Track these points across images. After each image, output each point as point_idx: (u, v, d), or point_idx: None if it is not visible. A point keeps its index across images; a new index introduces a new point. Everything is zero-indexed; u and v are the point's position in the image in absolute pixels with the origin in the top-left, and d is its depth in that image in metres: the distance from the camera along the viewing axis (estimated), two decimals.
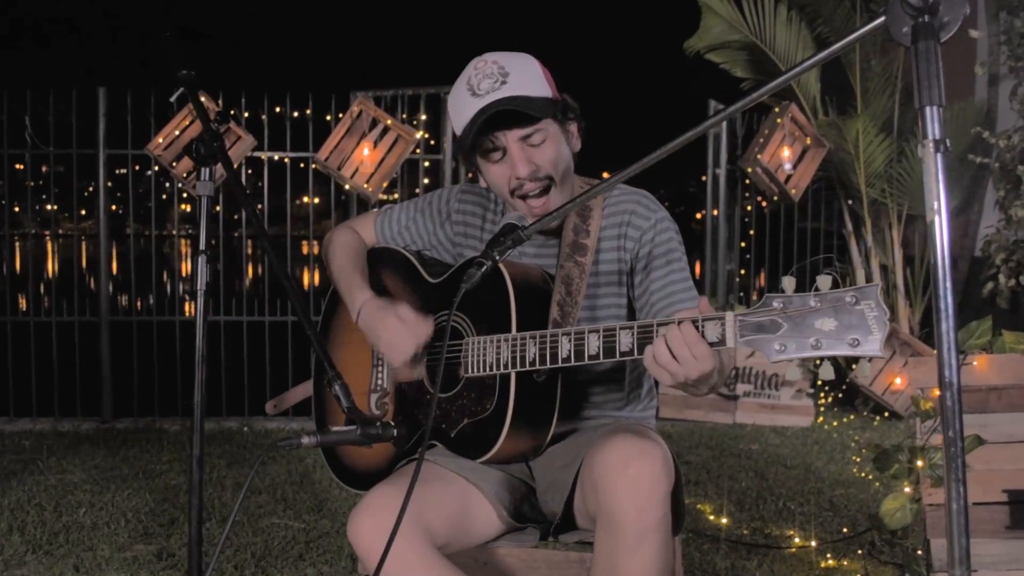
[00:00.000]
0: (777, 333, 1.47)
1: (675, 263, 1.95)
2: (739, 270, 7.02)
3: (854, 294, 1.44)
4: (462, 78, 1.90)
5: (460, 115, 1.90)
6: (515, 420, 1.81)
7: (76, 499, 3.84)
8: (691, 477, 4.41)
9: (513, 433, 1.81)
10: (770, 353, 1.48)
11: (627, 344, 1.64)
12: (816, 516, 3.79)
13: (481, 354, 1.84)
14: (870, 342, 1.42)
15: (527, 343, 1.77)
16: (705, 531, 3.59)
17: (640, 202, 1.99)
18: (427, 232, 2.16)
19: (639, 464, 1.66)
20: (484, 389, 1.86)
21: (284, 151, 5.93)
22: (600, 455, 1.70)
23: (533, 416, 1.86)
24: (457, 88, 1.91)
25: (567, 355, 1.72)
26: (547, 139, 1.88)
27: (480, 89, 1.85)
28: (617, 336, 1.65)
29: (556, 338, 1.73)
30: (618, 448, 1.68)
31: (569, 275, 1.93)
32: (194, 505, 1.88)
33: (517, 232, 1.65)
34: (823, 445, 5.17)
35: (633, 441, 1.69)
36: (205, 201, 1.94)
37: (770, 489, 4.19)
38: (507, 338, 1.80)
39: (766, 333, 1.48)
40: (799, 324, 1.46)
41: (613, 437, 1.72)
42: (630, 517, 1.65)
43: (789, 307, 1.47)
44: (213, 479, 4.20)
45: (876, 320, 1.42)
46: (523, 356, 1.77)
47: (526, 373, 1.80)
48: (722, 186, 6.55)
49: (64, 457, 4.65)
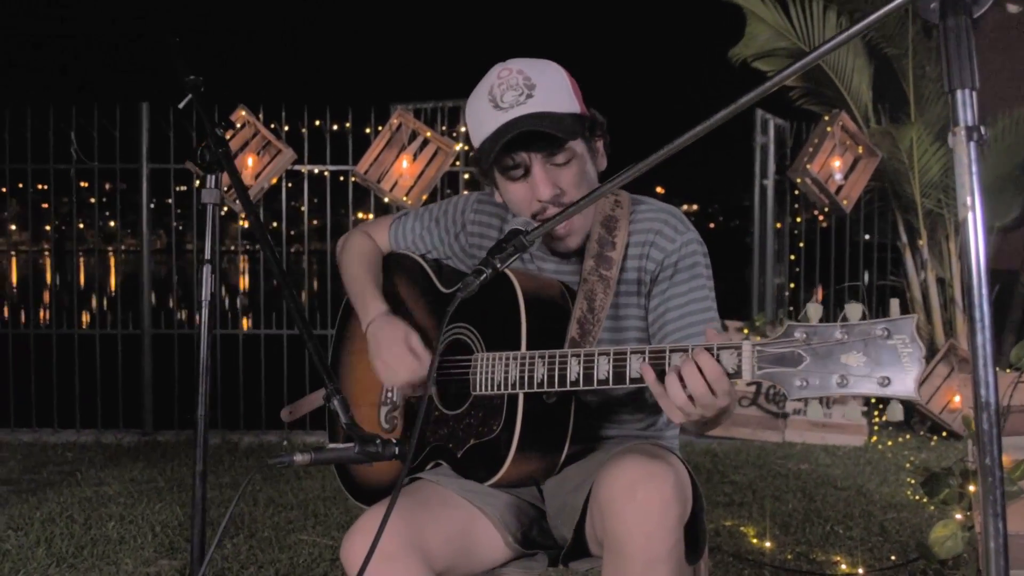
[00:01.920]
0: (799, 367, 1.35)
1: (697, 279, 1.82)
2: (788, 284, 6.82)
3: (886, 327, 1.30)
4: (483, 86, 1.78)
5: (480, 127, 1.78)
6: (522, 444, 1.70)
7: (108, 512, 3.82)
8: (735, 498, 4.25)
9: (520, 457, 1.71)
10: (790, 389, 1.35)
11: (637, 370, 1.53)
12: (865, 541, 3.61)
13: (489, 371, 1.73)
14: (902, 382, 1.28)
15: (535, 363, 1.66)
16: (747, 555, 3.44)
17: (667, 222, 1.85)
18: (441, 243, 2.07)
19: (648, 488, 1.53)
20: (492, 409, 1.75)
21: (324, 164, 5.92)
22: (607, 478, 1.59)
23: (543, 439, 1.75)
24: (478, 96, 1.79)
25: (576, 378, 1.61)
26: (573, 159, 1.76)
27: (504, 102, 1.72)
28: (628, 361, 1.54)
29: (565, 359, 1.63)
30: (626, 471, 1.57)
31: (592, 290, 1.81)
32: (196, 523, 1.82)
33: (519, 239, 1.55)
34: (876, 466, 4.96)
35: (642, 463, 1.57)
36: (211, 209, 1.88)
37: (818, 511, 4.02)
38: (515, 356, 1.70)
39: (787, 366, 1.36)
40: (824, 358, 1.33)
41: (622, 459, 1.61)
42: (637, 545, 1.53)
43: (813, 338, 1.34)
44: (247, 495, 4.16)
45: (910, 357, 1.29)
46: (531, 376, 1.66)
47: (535, 394, 1.69)
48: (770, 198, 6.38)
49: (103, 469, 4.66)
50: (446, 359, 1.85)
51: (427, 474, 1.83)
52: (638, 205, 1.89)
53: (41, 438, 5.50)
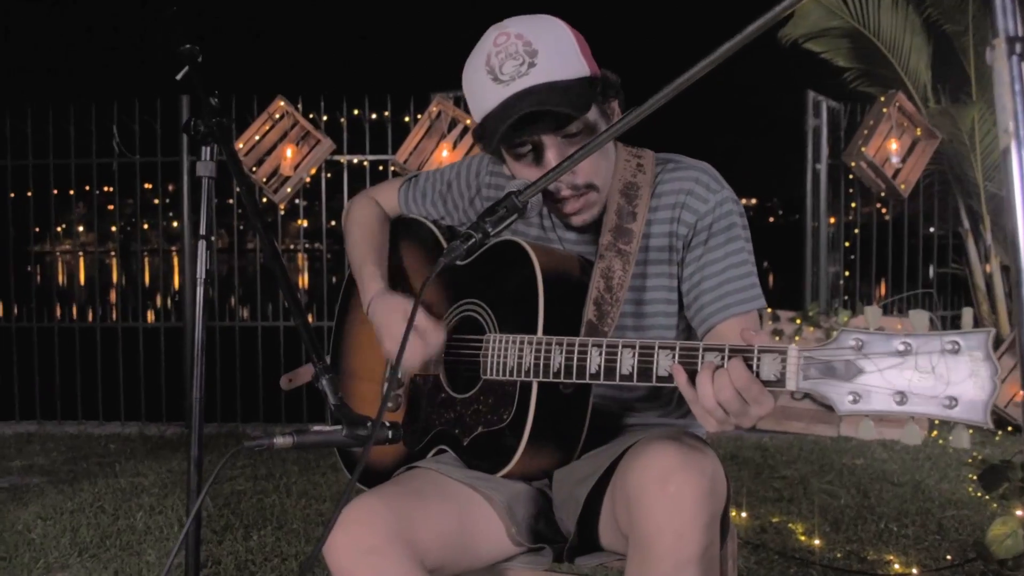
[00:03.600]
0: (851, 379, 1.18)
1: (735, 242, 1.64)
2: (843, 272, 6.57)
3: (956, 340, 1.13)
4: (479, 54, 1.59)
5: (480, 102, 1.60)
6: (535, 436, 1.56)
7: (139, 503, 3.80)
8: (784, 493, 4.07)
9: (532, 450, 1.57)
10: (840, 404, 1.19)
11: (666, 368, 1.37)
12: (920, 540, 3.41)
13: (502, 355, 1.59)
14: (971, 405, 1.12)
15: (552, 350, 1.51)
16: (794, 553, 3.26)
17: (699, 180, 1.66)
18: (456, 208, 1.91)
19: (681, 479, 1.38)
20: (503, 396, 1.60)
21: (363, 154, 5.85)
22: (636, 466, 1.44)
23: (557, 431, 1.61)
24: (474, 66, 1.60)
25: (596, 371, 1.45)
26: (585, 129, 1.60)
27: (503, 74, 1.55)
28: (655, 357, 1.38)
29: (585, 349, 1.47)
30: (658, 459, 1.41)
31: (610, 267, 1.65)
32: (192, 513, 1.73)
33: (511, 199, 1.40)
34: (936, 461, 4.73)
35: (676, 451, 1.41)
36: (206, 183, 1.78)
37: (871, 508, 3.82)
38: (531, 340, 1.54)
39: (837, 378, 1.19)
40: (881, 371, 1.17)
41: (652, 445, 1.45)
42: (667, 543, 1.37)
43: (869, 348, 1.18)
44: (280, 486, 4.10)
45: (982, 377, 1.12)
46: (547, 365, 1.51)
47: (551, 383, 1.55)
48: (823, 183, 6.14)
49: (142, 461, 4.66)
50: (455, 338, 1.72)
51: (428, 462, 1.71)
52: (665, 165, 1.72)
53: (86, 430, 5.54)
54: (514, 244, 1.62)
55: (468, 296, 1.71)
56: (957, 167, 5.98)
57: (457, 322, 1.73)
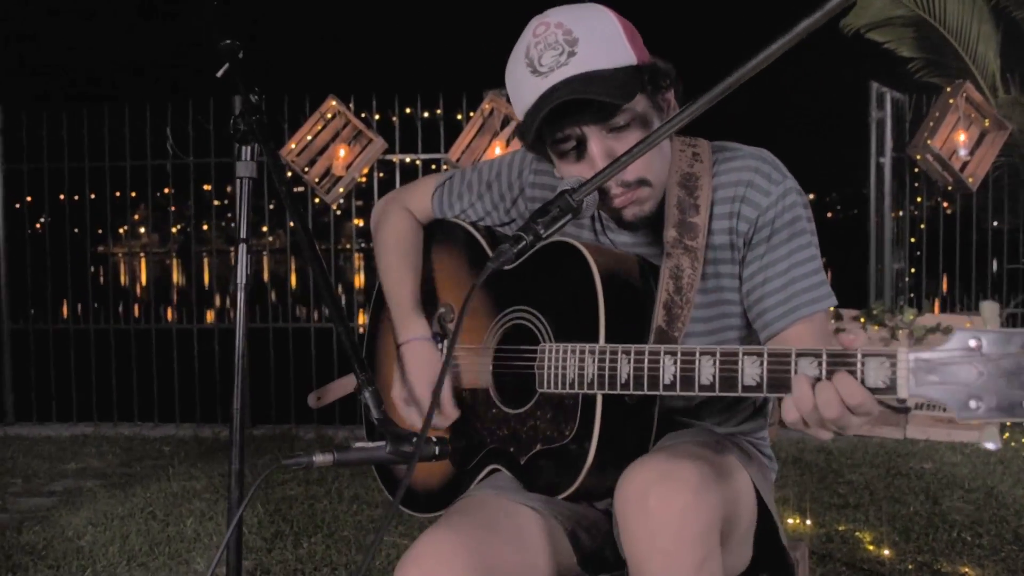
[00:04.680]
0: (971, 382, 1.09)
1: (800, 237, 1.51)
2: (909, 269, 6.35)
3: None
4: (520, 47, 1.50)
5: (520, 98, 1.50)
6: (601, 452, 1.44)
7: (189, 508, 3.79)
8: (850, 499, 3.92)
9: (597, 467, 1.45)
10: (960, 410, 1.09)
11: (753, 377, 1.24)
12: (997, 551, 3.25)
13: (559, 366, 1.47)
14: None
15: (619, 359, 1.39)
16: (862, 564, 3.13)
17: (759, 169, 1.54)
18: (495, 210, 1.79)
19: (660, 492, 1.28)
20: (563, 410, 1.49)
21: (416, 153, 5.80)
22: (620, 484, 1.35)
23: (624, 445, 1.49)
24: (515, 60, 1.50)
25: (671, 381, 1.33)
26: (633, 121, 1.47)
27: (542, 65, 1.44)
28: (740, 365, 1.25)
29: (657, 357, 1.34)
30: (639, 474, 1.32)
31: (679, 266, 1.53)
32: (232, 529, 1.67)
33: (564, 197, 1.30)
34: (1009, 466, 4.53)
35: (661, 462, 1.32)
36: (246, 184, 1.72)
37: (943, 516, 3.65)
38: (593, 349, 1.42)
39: (955, 382, 1.10)
40: (1005, 372, 1.07)
41: (643, 459, 1.36)
42: (657, 563, 1.28)
43: (990, 348, 1.08)
44: (332, 491, 4.07)
45: None
46: (612, 375, 1.39)
47: (616, 395, 1.43)
48: (887, 177, 5.93)
49: (195, 464, 4.66)
50: (505, 348, 1.62)
51: (486, 486, 1.60)
52: (721, 154, 1.59)
53: (141, 432, 5.58)
54: (567, 245, 1.51)
55: (517, 303, 1.60)
56: None
57: (506, 330, 1.62)
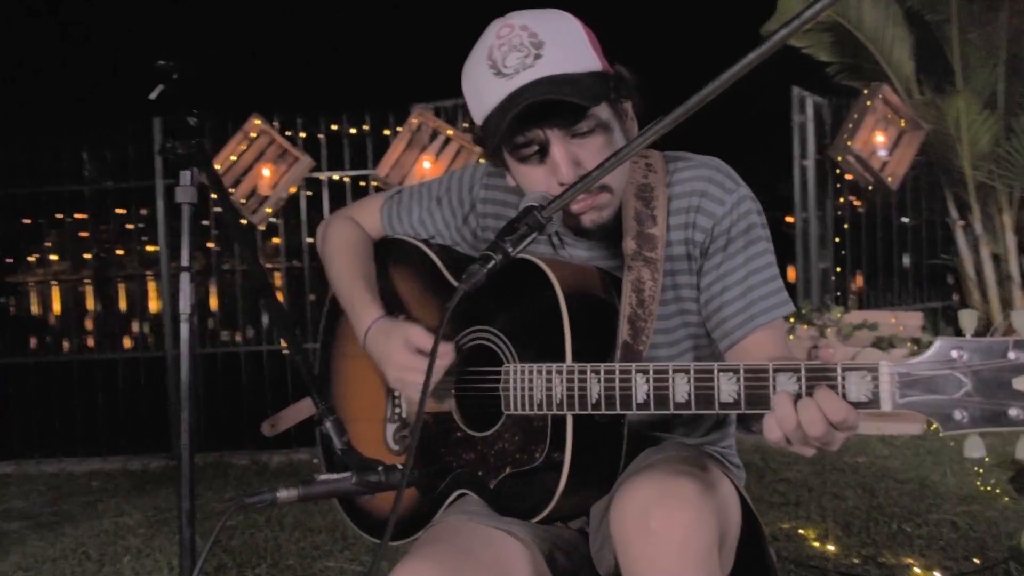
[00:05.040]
0: (956, 394, 1.09)
1: (755, 245, 1.51)
2: (834, 269, 6.51)
3: None
4: (480, 49, 1.46)
5: (481, 100, 1.46)
6: (574, 472, 1.40)
7: (125, 545, 3.64)
8: (790, 497, 3.97)
9: (571, 488, 1.42)
10: (945, 422, 1.09)
11: (730, 393, 1.22)
12: (936, 540, 3.32)
13: (526, 387, 1.43)
14: None
15: (588, 378, 1.35)
16: (809, 561, 3.16)
17: (712, 179, 1.52)
18: (446, 227, 1.75)
19: (662, 512, 1.25)
20: (531, 432, 1.45)
21: (344, 170, 5.73)
22: (618, 504, 1.31)
23: (596, 465, 1.47)
24: (475, 61, 1.46)
25: (644, 400, 1.29)
26: (596, 128, 1.44)
27: (507, 67, 1.40)
28: (716, 382, 1.23)
29: (629, 375, 1.31)
30: (637, 493, 1.29)
31: (640, 279, 1.50)
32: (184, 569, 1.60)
33: (533, 215, 1.27)
34: (938, 456, 4.66)
35: (657, 481, 1.29)
36: (187, 210, 1.66)
37: (881, 508, 3.73)
38: (560, 369, 1.38)
39: (939, 393, 1.09)
40: (989, 383, 1.07)
41: (636, 477, 1.33)
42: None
43: (973, 358, 1.08)
44: (272, 518, 3.95)
45: None
46: (582, 395, 1.36)
47: (586, 414, 1.40)
48: (811, 179, 6.08)
49: (127, 498, 4.49)
50: (468, 370, 1.57)
51: (456, 510, 1.55)
52: (675, 163, 1.58)
53: (66, 468, 5.35)
54: (527, 262, 1.46)
55: (476, 323, 1.56)
56: (944, 158, 5.95)
57: (466, 352, 1.58)
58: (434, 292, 1.68)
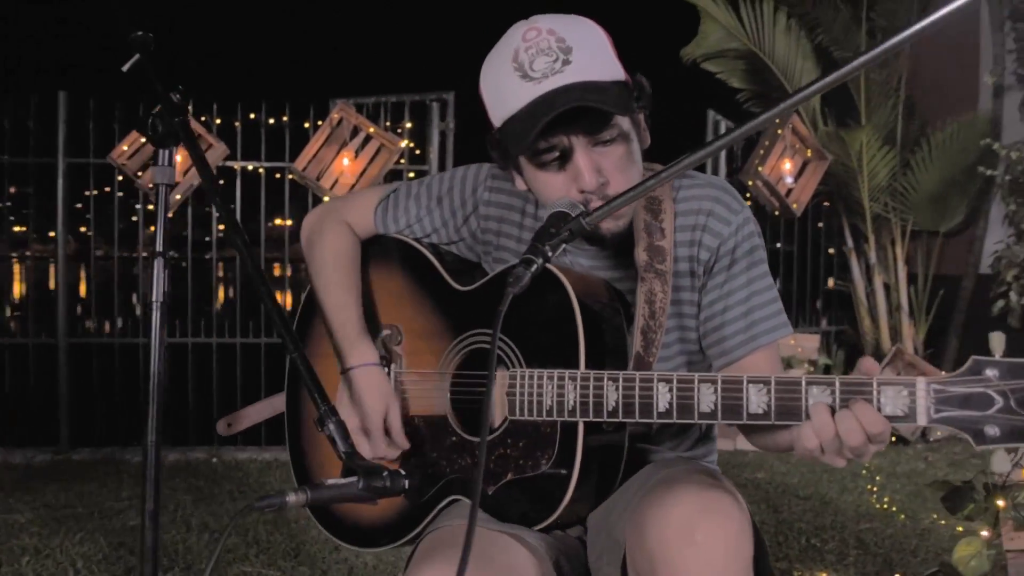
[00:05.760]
0: (989, 411, 1.14)
1: (757, 267, 1.54)
2: None
3: None
4: (504, 49, 1.44)
5: (504, 102, 1.44)
6: (581, 482, 1.40)
7: (20, 544, 3.41)
8: None
9: (576, 497, 1.41)
10: (978, 436, 1.15)
11: (760, 405, 1.23)
12: (844, 555, 3.45)
13: (534, 393, 1.41)
14: None
15: (605, 386, 1.34)
16: None
17: (719, 199, 1.54)
18: (445, 226, 1.71)
19: (709, 526, 1.26)
20: (537, 438, 1.43)
21: (259, 161, 5.55)
22: (653, 517, 1.30)
23: (601, 472, 1.46)
24: (498, 62, 1.45)
25: (666, 408, 1.30)
26: (618, 137, 1.45)
27: (534, 70, 1.39)
28: (745, 394, 1.24)
29: (650, 384, 1.30)
30: (679, 505, 1.28)
31: (652, 290, 1.49)
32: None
33: (577, 220, 1.26)
34: (832, 473, 4.84)
35: (697, 493, 1.29)
36: (163, 191, 1.56)
37: (788, 524, 3.85)
38: (574, 376, 1.38)
39: (973, 410, 1.15)
40: (1020, 400, 1.13)
41: (671, 489, 1.32)
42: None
43: (1007, 377, 1.14)
44: (177, 519, 3.78)
45: None
46: (598, 403, 1.35)
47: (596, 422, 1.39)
48: None
49: (12, 494, 4.21)
50: (466, 373, 1.54)
51: (452, 517, 1.52)
52: (680, 179, 1.59)
53: None
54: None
55: (477, 326, 1.53)
56: (844, 188, 6.21)
57: (465, 356, 1.55)
58: (434, 293, 1.65)
